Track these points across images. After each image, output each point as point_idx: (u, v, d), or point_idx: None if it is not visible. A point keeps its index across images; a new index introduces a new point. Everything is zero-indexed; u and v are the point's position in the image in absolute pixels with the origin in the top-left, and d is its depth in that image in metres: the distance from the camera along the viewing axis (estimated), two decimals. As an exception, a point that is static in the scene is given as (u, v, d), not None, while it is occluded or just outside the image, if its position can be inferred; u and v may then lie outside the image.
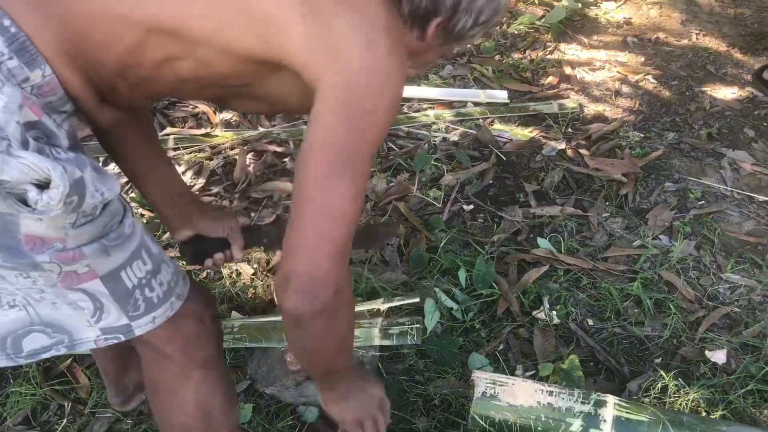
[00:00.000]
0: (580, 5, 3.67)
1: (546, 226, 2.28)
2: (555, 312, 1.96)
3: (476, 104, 2.93)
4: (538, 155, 2.60)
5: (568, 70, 3.18)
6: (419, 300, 1.88)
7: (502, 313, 1.96)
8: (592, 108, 2.92)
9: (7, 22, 0.85)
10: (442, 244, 2.13)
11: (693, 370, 1.82)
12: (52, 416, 1.71)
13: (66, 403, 1.73)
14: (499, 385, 1.59)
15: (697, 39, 3.42)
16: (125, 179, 2.13)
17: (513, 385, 1.59)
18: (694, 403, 1.71)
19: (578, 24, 3.58)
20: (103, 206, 0.95)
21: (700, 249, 2.19)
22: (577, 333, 1.92)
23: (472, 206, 2.36)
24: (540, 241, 2.20)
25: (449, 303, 1.95)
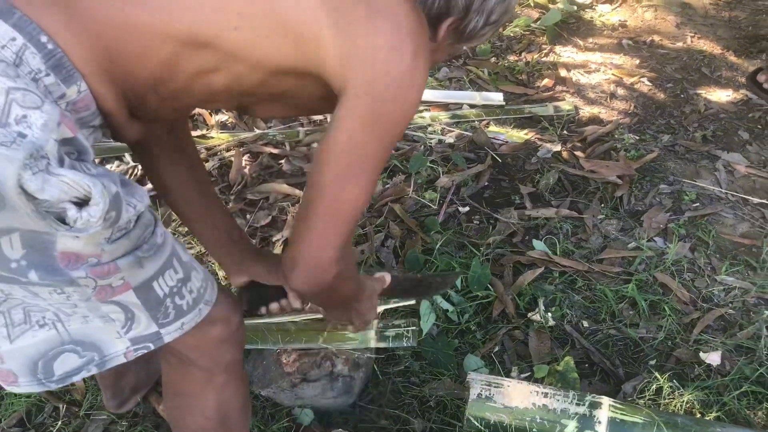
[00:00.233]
0: (575, 8, 3.68)
1: (541, 228, 2.28)
2: (550, 314, 1.96)
3: (472, 106, 2.93)
4: (534, 157, 2.61)
5: (563, 73, 3.19)
6: (415, 302, 1.88)
7: (497, 314, 1.97)
8: (587, 110, 2.93)
9: (44, 39, 0.84)
10: (438, 246, 2.14)
11: (687, 372, 1.82)
12: (47, 418, 1.71)
13: (61, 405, 1.73)
14: (495, 387, 1.59)
15: (692, 42, 3.43)
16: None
17: (508, 386, 1.60)
18: (688, 405, 1.72)
19: (573, 26, 3.59)
20: (136, 219, 0.94)
21: (695, 251, 2.20)
22: (572, 335, 1.92)
23: (467, 208, 2.36)
24: (535, 242, 2.20)
25: (445, 305, 1.95)
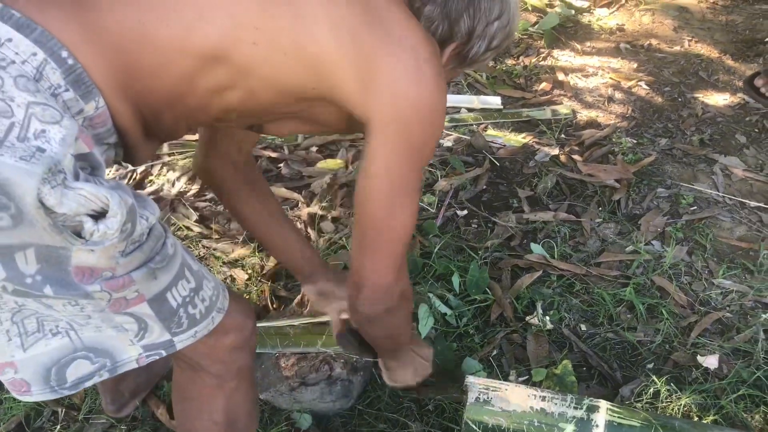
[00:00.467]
0: (573, 12, 3.69)
1: (539, 232, 2.29)
2: (548, 317, 1.97)
3: (470, 110, 2.94)
4: (532, 161, 2.62)
5: (561, 77, 3.19)
6: (413, 306, 1.88)
7: (495, 318, 1.97)
8: (585, 114, 2.93)
9: (64, 54, 0.84)
10: (436, 250, 2.14)
11: (685, 375, 1.83)
12: (46, 422, 1.71)
13: (60, 409, 1.73)
14: (493, 391, 1.59)
15: (689, 46, 3.44)
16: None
17: (506, 390, 1.60)
18: (686, 408, 1.72)
19: (571, 30, 3.60)
20: (149, 231, 0.94)
21: (692, 254, 2.20)
22: (570, 338, 1.93)
23: (465, 212, 2.37)
24: (533, 246, 2.21)
25: (443, 308, 1.96)
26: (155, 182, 2.51)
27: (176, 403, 1.31)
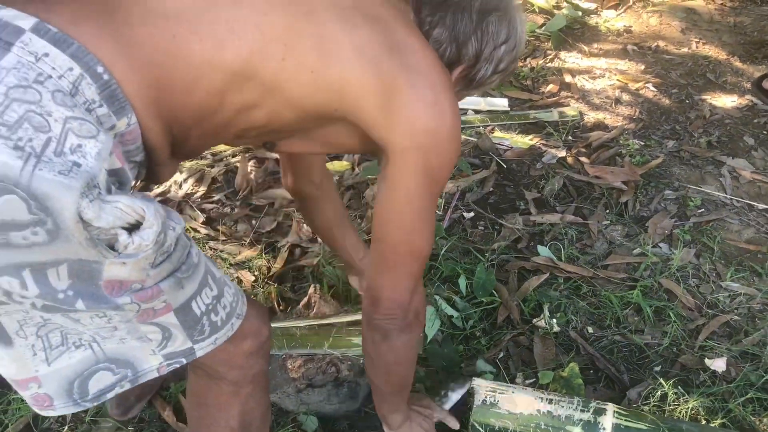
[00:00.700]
0: (580, 14, 3.68)
1: (546, 234, 2.28)
2: (555, 320, 1.96)
3: (477, 112, 2.94)
4: (539, 163, 2.61)
5: (568, 78, 3.19)
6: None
7: (502, 320, 1.97)
8: (592, 116, 2.93)
9: (100, 69, 0.84)
10: (443, 252, 2.14)
11: (692, 378, 1.82)
12: (53, 424, 1.72)
13: (67, 410, 1.73)
14: (500, 393, 1.59)
15: (697, 47, 3.44)
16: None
17: (513, 392, 1.60)
18: (693, 411, 1.72)
19: (578, 32, 3.60)
20: (176, 241, 0.94)
21: (700, 257, 2.20)
22: (577, 341, 1.92)
23: (472, 214, 2.37)
24: (540, 248, 2.20)
25: (449, 311, 1.96)
26: (162, 184, 2.51)
27: (191, 409, 1.31)
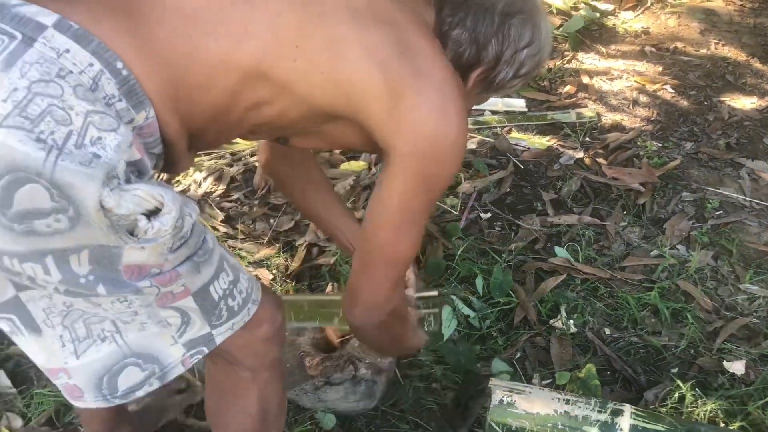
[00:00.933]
0: (597, 15, 3.67)
1: (563, 235, 2.28)
2: (572, 321, 1.96)
3: (494, 112, 2.94)
4: (556, 164, 2.61)
5: (585, 80, 3.18)
6: (437, 294, 1.87)
7: (519, 321, 1.97)
8: (609, 117, 2.92)
9: (119, 65, 0.87)
10: (459, 252, 2.15)
11: (711, 381, 1.81)
12: (75, 418, 1.74)
13: (88, 405, 1.76)
14: (516, 393, 1.60)
15: (716, 49, 3.42)
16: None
17: (530, 392, 1.60)
18: (712, 414, 1.71)
19: (596, 33, 3.59)
20: (192, 227, 0.97)
21: (718, 259, 2.19)
22: (594, 342, 1.92)
23: (489, 214, 2.37)
24: (557, 249, 2.20)
25: (466, 311, 1.96)
26: (182, 182, 2.54)
27: (210, 397, 1.33)
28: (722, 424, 1.69)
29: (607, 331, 1.96)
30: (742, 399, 1.76)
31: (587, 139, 2.77)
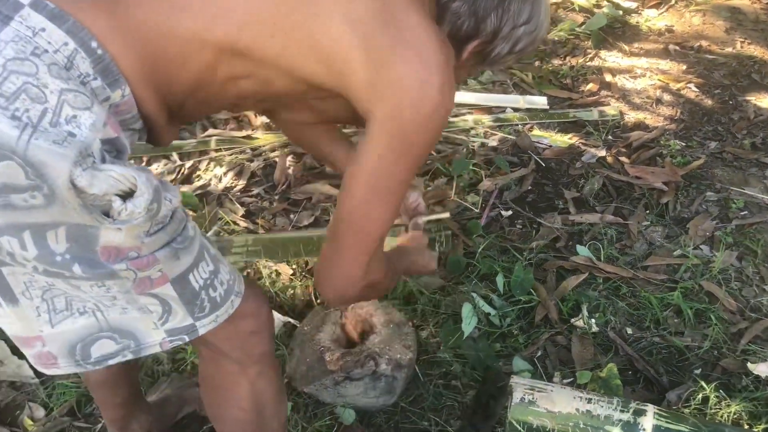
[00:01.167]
0: (621, 12, 3.64)
1: (585, 234, 2.26)
2: (594, 320, 1.95)
3: (515, 110, 2.93)
4: (578, 162, 2.59)
5: (608, 78, 3.16)
6: (447, 216, 1.81)
7: (540, 319, 1.96)
8: (632, 116, 2.89)
9: (94, 44, 0.88)
10: (480, 249, 2.14)
11: (734, 382, 1.79)
12: (96, 409, 1.75)
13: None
14: (538, 392, 1.59)
15: (742, 47, 3.37)
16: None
17: (551, 391, 1.59)
18: (736, 416, 1.69)
19: (619, 31, 3.56)
20: (171, 214, 0.97)
21: (743, 260, 2.16)
22: (615, 341, 1.90)
23: (510, 212, 2.36)
24: (579, 248, 2.19)
25: (487, 308, 1.95)
26: (203, 177, 2.55)
27: (203, 393, 1.34)
28: (746, 426, 1.67)
29: (629, 330, 1.94)
30: (766, 401, 1.73)
31: (610, 137, 2.75)
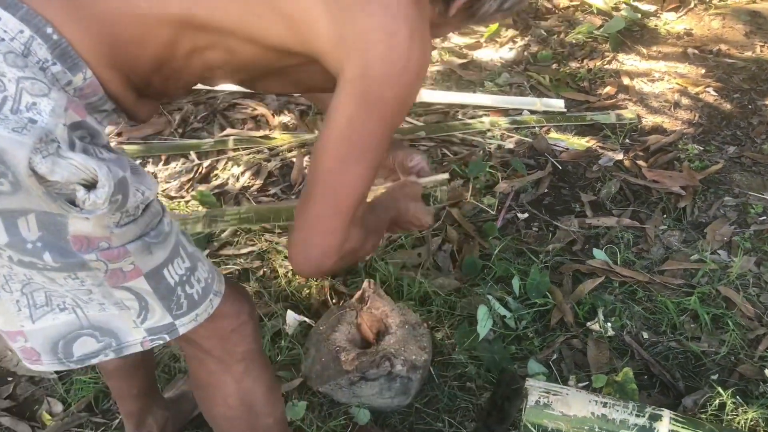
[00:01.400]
0: (639, 15, 3.62)
1: (602, 237, 2.26)
2: (610, 324, 1.94)
3: (532, 112, 2.92)
4: (595, 165, 2.58)
5: (626, 81, 3.14)
6: (446, 177, 1.78)
7: (555, 323, 1.95)
8: (650, 119, 2.88)
9: (49, 30, 0.89)
10: (496, 252, 2.14)
11: (752, 389, 1.78)
12: (113, 405, 1.77)
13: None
14: (553, 395, 1.58)
15: (762, 51, 3.35)
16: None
17: (567, 394, 1.59)
18: (753, 423, 1.68)
19: (637, 34, 3.54)
20: (145, 207, 0.97)
21: (761, 265, 2.14)
22: (631, 346, 1.90)
23: (526, 214, 2.36)
24: (596, 252, 2.18)
25: (502, 311, 1.95)
26: (220, 176, 2.56)
27: (194, 392, 1.34)
28: (763, 433, 1.66)
29: (645, 335, 1.93)
30: (784, 408, 1.72)
31: (627, 140, 2.74)
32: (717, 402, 1.72)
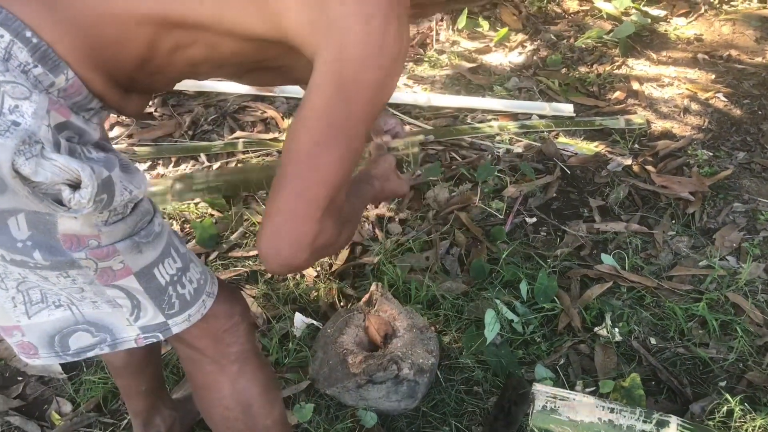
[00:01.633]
0: (649, 20, 3.62)
1: (610, 242, 2.26)
2: (617, 329, 1.94)
3: (541, 117, 2.92)
4: (604, 170, 2.58)
5: (635, 86, 3.14)
6: (421, 138, 1.67)
7: (563, 327, 1.95)
8: (659, 124, 2.88)
9: (29, 34, 0.89)
10: (504, 256, 2.14)
11: (760, 396, 1.77)
12: (121, 405, 1.78)
13: (135, 393, 1.79)
14: (560, 400, 1.59)
15: (772, 57, 3.34)
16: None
17: (574, 400, 1.59)
18: (761, 430, 1.67)
19: (647, 39, 3.54)
20: (134, 206, 0.99)
21: (770, 272, 2.14)
22: (639, 351, 1.89)
23: (534, 219, 2.36)
24: (604, 257, 2.18)
25: (510, 315, 1.95)
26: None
27: (193, 393, 1.35)
28: (771, 441, 1.66)
29: (653, 340, 1.93)
30: (792, 416, 1.72)
31: (636, 146, 2.74)
32: (725, 409, 1.71)
